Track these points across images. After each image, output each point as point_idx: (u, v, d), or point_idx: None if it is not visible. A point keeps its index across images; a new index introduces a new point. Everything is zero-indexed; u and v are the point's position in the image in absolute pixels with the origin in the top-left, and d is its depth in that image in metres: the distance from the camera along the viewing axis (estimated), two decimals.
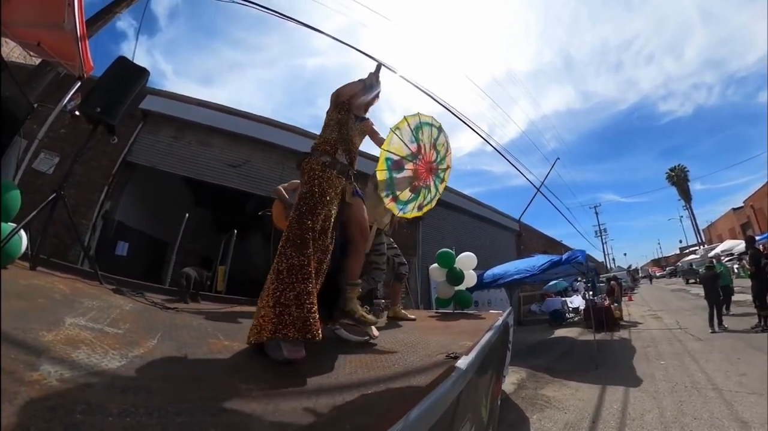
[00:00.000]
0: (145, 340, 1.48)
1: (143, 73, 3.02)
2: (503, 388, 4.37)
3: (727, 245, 22.73)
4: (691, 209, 42.99)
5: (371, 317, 1.92)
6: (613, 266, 44.93)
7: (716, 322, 7.74)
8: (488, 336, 2.05)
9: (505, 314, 3.24)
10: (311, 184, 1.72)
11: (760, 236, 15.46)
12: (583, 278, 10.12)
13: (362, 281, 2.17)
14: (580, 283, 13.85)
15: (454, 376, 1.20)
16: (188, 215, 6.67)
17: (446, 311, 4.08)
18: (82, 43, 3.05)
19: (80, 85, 3.54)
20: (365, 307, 2.02)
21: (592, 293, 9.44)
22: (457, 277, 4.15)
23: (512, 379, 5.49)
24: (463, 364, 1.34)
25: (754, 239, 8.58)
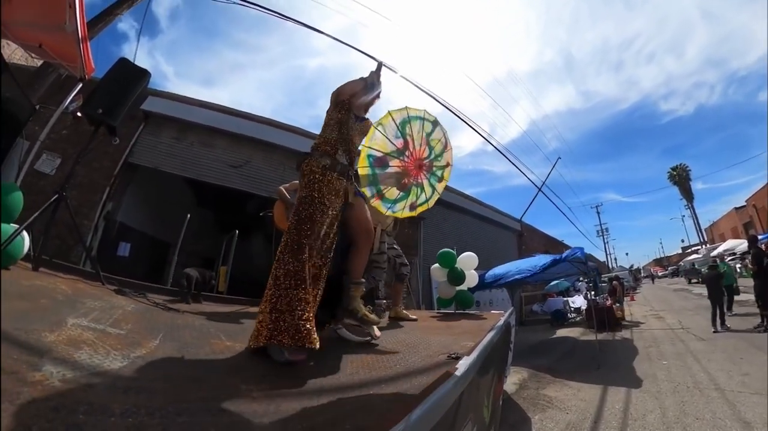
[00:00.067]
0: (147, 341, 1.49)
1: (144, 74, 3.03)
2: (505, 388, 4.37)
3: (729, 245, 22.63)
4: (693, 209, 42.83)
5: (374, 317, 1.91)
6: (615, 266, 44.90)
7: (719, 322, 7.72)
8: (490, 336, 2.05)
9: (506, 315, 3.24)
10: (311, 188, 1.70)
11: (762, 236, 15.39)
12: (584, 278, 10.10)
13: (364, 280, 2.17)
14: (581, 283, 13.81)
15: (455, 376, 1.20)
16: (190, 216, 6.69)
17: (448, 312, 4.08)
18: (83, 44, 3.05)
19: (82, 86, 3.56)
20: (368, 307, 2.02)
21: (594, 293, 9.41)
22: (458, 277, 4.15)
23: (514, 379, 5.48)
24: (464, 364, 1.34)
25: (756, 239, 8.56)
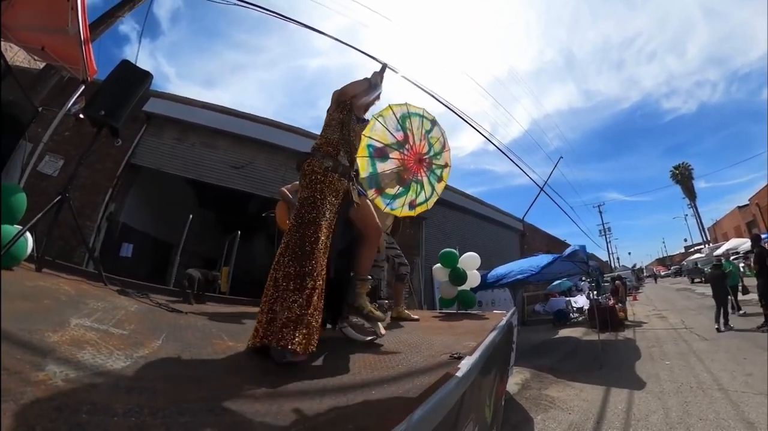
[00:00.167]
0: (149, 341, 1.49)
1: (146, 76, 3.04)
2: (507, 388, 4.36)
3: (732, 244, 22.54)
4: (695, 208, 42.74)
5: (380, 314, 1.91)
6: (617, 266, 44.75)
7: (722, 321, 7.69)
8: (492, 336, 2.05)
9: (508, 315, 3.23)
10: (312, 189, 1.69)
11: (765, 234, 15.30)
12: (587, 278, 10.07)
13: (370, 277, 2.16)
14: (584, 283, 13.78)
15: (457, 377, 1.20)
16: (192, 217, 6.70)
17: (450, 312, 4.07)
18: (85, 47, 3.06)
19: (84, 88, 3.57)
20: (374, 304, 2.01)
21: (596, 293, 9.38)
22: (460, 277, 4.14)
23: (516, 379, 5.47)
24: (466, 364, 1.34)
25: (759, 238, 8.52)
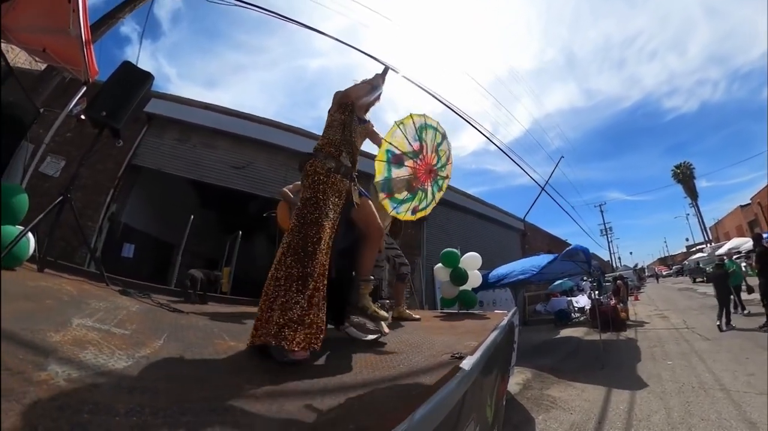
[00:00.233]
0: (151, 341, 1.49)
1: (147, 77, 3.04)
2: (508, 388, 4.36)
3: (734, 243, 22.44)
4: (697, 207, 42.60)
5: (383, 313, 1.93)
6: (619, 265, 44.61)
7: (724, 321, 7.66)
8: (493, 336, 2.04)
9: (510, 314, 3.23)
10: (315, 189, 1.69)
11: (767, 234, 15.25)
12: (588, 278, 10.06)
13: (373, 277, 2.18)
14: (585, 282, 13.75)
15: (458, 376, 1.20)
16: (193, 217, 6.72)
17: (451, 311, 4.07)
18: (87, 48, 3.07)
19: (85, 89, 3.58)
20: (377, 303, 2.03)
21: (597, 293, 9.36)
22: (461, 277, 4.14)
23: (517, 379, 5.46)
24: (467, 364, 1.34)
25: (761, 237, 8.46)
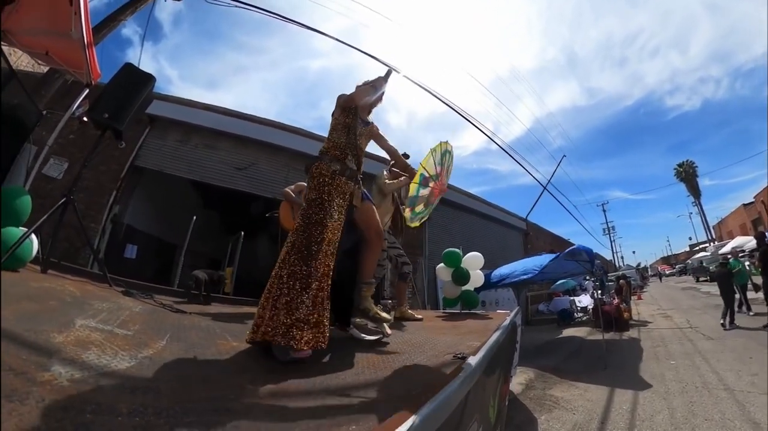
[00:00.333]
0: (154, 341, 1.50)
1: (149, 79, 3.05)
2: (511, 388, 4.35)
3: (737, 242, 22.30)
4: (700, 206, 42.35)
5: (385, 315, 1.97)
6: (621, 265, 44.48)
7: (728, 320, 7.61)
8: (496, 336, 2.04)
9: (512, 314, 3.22)
10: (320, 191, 1.73)
11: None
12: (591, 277, 10.02)
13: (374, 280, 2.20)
14: (588, 282, 13.70)
15: (461, 376, 1.20)
16: (196, 218, 6.73)
17: (453, 311, 4.07)
18: (89, 50, 3.08)
19: (88, 92, 3.59)
20: (378, 305, 2.05)
21: (600, 292, 9.31)
22: (462, 277, 4.14)
23: (520, 379, 5.45)
24: (470, 364, 1.34)
25: (764, 236, 8.40)
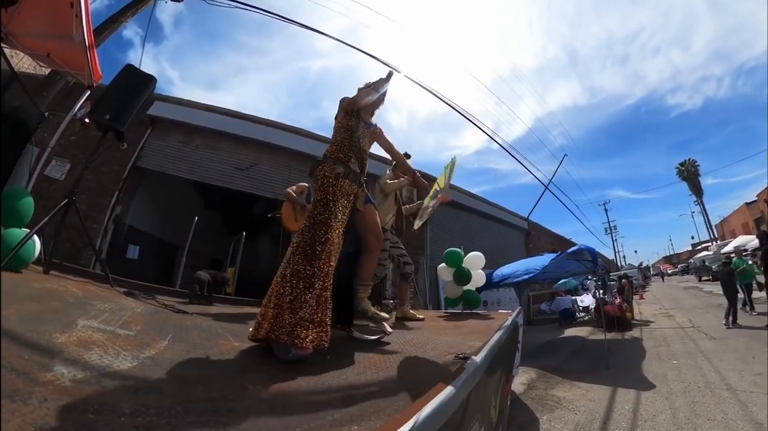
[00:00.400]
0: (155, 342, 1.50)
1: (150, 80, 3.07)
2: (513, 388, 4.34)
3: (740, 241, 22.21)
4: (702, 204, 42.19)
5: (383, 314, 1.99)
6: (623, 264, 44.38)
7: (731, 319, 7.58)
8: (498, 335, 2.04)
9: (514, 314, 3.23)
10: (325, 191, 1.76)
11: None
12: (593, 277, 9.99)
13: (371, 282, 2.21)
14: (590, 281, 13.66)
15: (463, 376, 1.20)
16: (197, 218, 6.74)
17: (455, 311, 4.07)
18: (90, 52, 3.08)
19: (89, 93, 3.59)
20: (376, 306, 2.08)
21: (602, 292, 9.27)
22: (464, 276, 4.13)
23: (522, 379, 5.44)
24: (472, 364, 1.34)
25: (767, 235, 8.38)
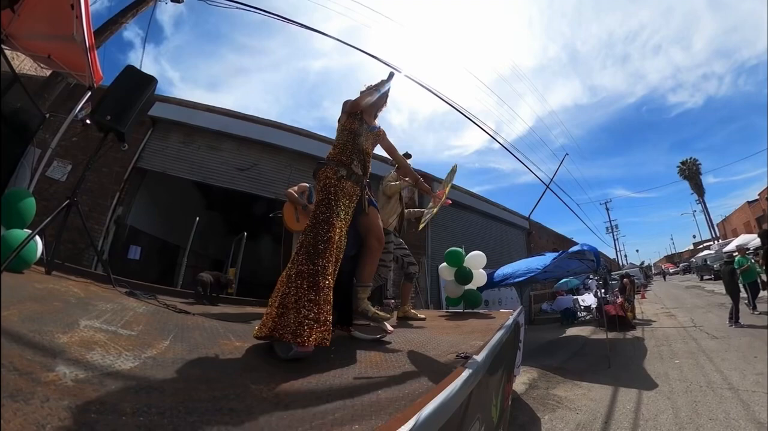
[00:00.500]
0: (157, 341, 1.51)
1: (151, 80, 3.07)
2: (514, 388, 4.34)
3: (742, 240, 22.11)
4: (704, 203, 42.01)
5: (384, 314, 1.99)
6: (625, 263, 44.27)
7: (733, 318, 7.56)
8: (499, 335, 2.04)
9: (515, 313, 3.22)
10: (327, 192, 1.78)
11: None
12: (595, 276, 9.97)
13: (372, 283, 2.22)
14: (592, 281, 13.64)
15: (464, 376, 1.19)
16: (199, 219, 6.76)
17: (456, 311, 4.06)
18: (91, 53, 3.09)
19: (90, 94, 3.60)
20: (377, 306, 2.09)
21: (604, 291, 9.26)
22: (465, 276, 4.12)
23: (523, 379, 5.44)
24: (473, 364, 1.34)
25: None
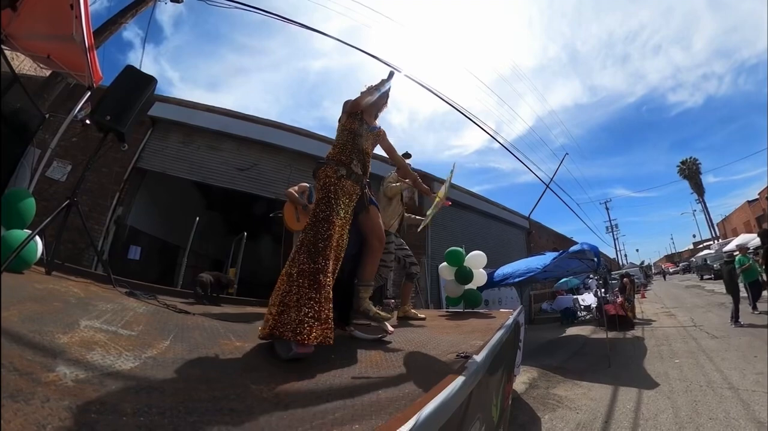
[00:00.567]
0: (157, 342, 1.51)
1: (151, 81, 3.06)
2: (514, 387, 4.34)
3: (742, 239, 22.09)
4: (704, 203, 41.96)
5: (384, 314, 2.00)
6: (625, 263, 44.25)
7: (734, 318, 7.56)
8: (499, 334, 2.04)
9: (515, 313, 3.22)
10: (326, 191, 1.78)
11: None
12: (595, 276, 9.97)
13: (374, 282, 2.22)
14: (592, 280, 13.64)
15: (464, 376, 1.19)
16: (198, 219, 6.76)
17: (456, 311, 4.06)
18: (90, 53, 3.09)
19: (90, 94, 3.60)
20: (378, 306, 2.09)
21: (604, 291, 9.26)
22: (465, 276, 4.12)
23: (523, 378, 5.44)
24: (473, 363, 1.34)
25: None
